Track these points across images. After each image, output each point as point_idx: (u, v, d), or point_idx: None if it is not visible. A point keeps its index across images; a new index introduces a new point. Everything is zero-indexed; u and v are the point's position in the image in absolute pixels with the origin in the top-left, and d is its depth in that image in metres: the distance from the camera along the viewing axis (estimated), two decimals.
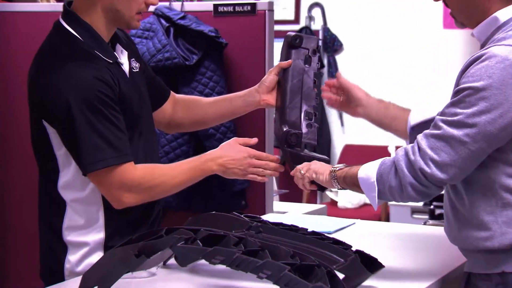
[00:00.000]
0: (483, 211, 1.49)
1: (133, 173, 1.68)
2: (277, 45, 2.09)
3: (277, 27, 2.67)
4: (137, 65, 1.82)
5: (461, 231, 1.54)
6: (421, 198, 1.51)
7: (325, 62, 5.29)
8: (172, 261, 1.67)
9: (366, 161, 1.59)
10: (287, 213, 2.84)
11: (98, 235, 1.73)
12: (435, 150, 1.46)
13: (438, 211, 3.47)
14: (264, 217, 1.85)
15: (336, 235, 1.84)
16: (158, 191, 1.74)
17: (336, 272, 1.39)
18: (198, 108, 2.02)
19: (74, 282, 1.57)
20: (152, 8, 2.57)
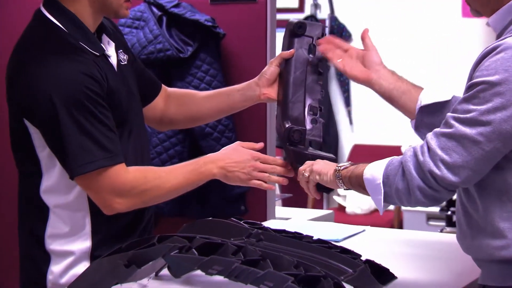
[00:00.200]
0: (498, 217, 1.49)
1: (124, 176, 1.68)
2: (279, 35, 2.09)
3: (279, 16, 2.68)
4: (125, 57, 1.82)
5: (474, 239, 1.53)
6: (430, 202, 1.50)
7: None
8: (165, 271, 1.67)
9: None
10: (290, 219, 2.84)
11: (84, 243, 1.74)
12: (446, 150, 1.45)
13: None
14: (265, 223, 1.86)
15: (344, 243, 1.84)
16: (151, 196, 1.74)
17: (344, 283, 1.39)
18: (193, 103, 2.02)
19: None
20: None
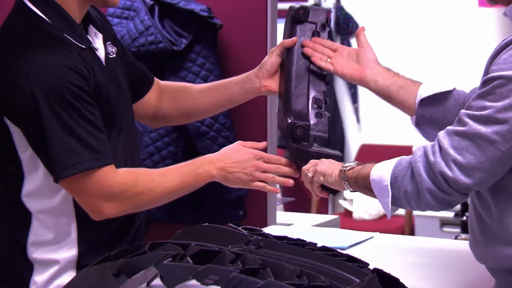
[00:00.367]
0: None
1: (113, 178, 1.68)
2: (280, 26, 2.09)
3: (280, 5, 2.68)
4: (113, 49, 1.82)
5: (488, 246, 1.54)
6: (441, 207, 1.51)
7: None
8: (157, 281, 1.68)
9: None
10: (292, 225, 2.84)
11: (69, 251, 1.74)
12: (459, 150, 1.45)
13: None
14: (265, 229, 1.86)
15: (351, 251, 1.85)
16: (143, 200, 1.74)
17: None
18: (188, 97, 2.02)
19: None
20: None
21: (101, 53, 1.77)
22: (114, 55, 1.82)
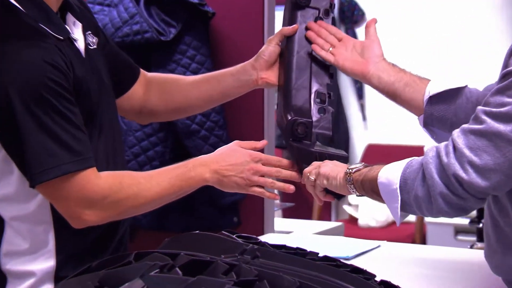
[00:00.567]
0: None
1: (95, 183, 1.69)
2: (279, 14, 2.10)
3: None
4: (94, 40, 1.82)
5: (505, 257, 1.55)
6: (455, 212, 1.51)
7: None
8: None
9: None
10: (292, 233, 2.85)
11: (47, 262, 1.74)
12: (475, 150, 1.46)
13: None
14: (262, 237, 1.87)
15: (356, 262, 1.85)
16: (128, 206, 1.74)
17: None
18: (177, 90, 2.03)
19: None
20: None
21: (80, 44, 1.77)
22: (95, 46, 1.82)
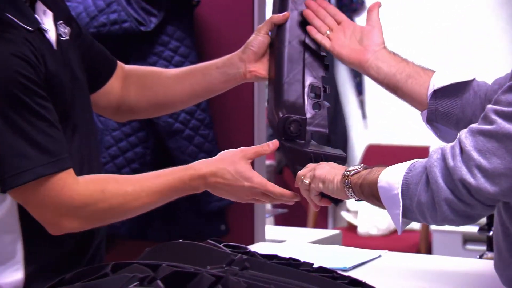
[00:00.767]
0: None
1: (73, 188, 1.68)
2: (270, 1, 2.10)
3: None
4: (66, 30, 1.82)
5: None
6: (461, 220, 1.52)
7: None
8: None
9: None
10: (285, 242, 2.85)
11: (15, 275, 1.74)
12: (484, 153, 1.46)
13: None
14: (252, 247, 1.87)
15: (355, 273, 1.85)
16: (111, 216, 1.76)
17: None
18: (159, 85, 2.02)
19: None
20: None
21: (51, 35, 1.76)
22: (67, 37, 1.82)
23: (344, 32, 1.87)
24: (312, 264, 1.66)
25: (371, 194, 1.60)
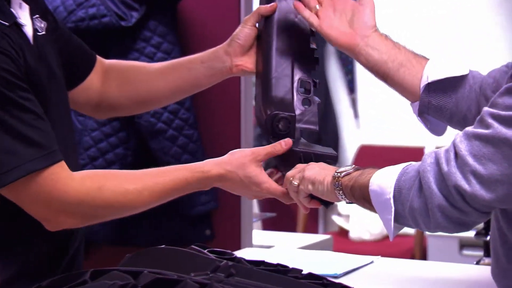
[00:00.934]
0: None
1: (68, 184, 1.67)
2: None
3: None
4: (42, 24, 1.82)
5: None
6: (455, 228, 1.51)
7: None
8: None
9: None
10: (273, 247, 2.85)
11: None
12: (480, 158, 1.45)
13: None
14: (238, 253, 1.87)
15: (346, 280, 1.85)
16: (109, 213, 1.76)
17: None
18: (141, 80, 2.02)
19: None
20: None
21: (28, 29, 1.76)
22: (44, 32, 1.81)
23: (334, 8, 1.82)
24: (301, 270, 1.66)
25: (362, 197, 1.60)
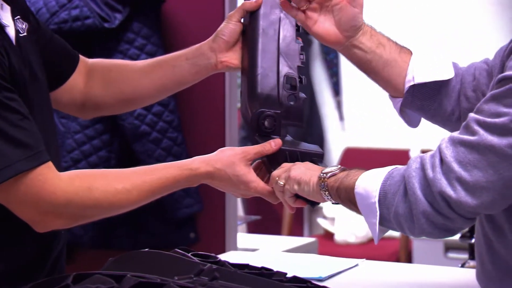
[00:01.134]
0: None
1: (55, 184, 1.67)
2: None
3: None
4: (24, 25, 1.81)
5: (502, 283, 1.55)
6: (440, 233, 1.52)
7: None
8: None
9: None
10: (258, 250, 2.85)
11: None
12: (465, 165, 1.45)
13: None
14: (222, 256, 1.87)
15: (330, 283, 1.85)
16: (98, 212, 1.76)
17: None
18: (125, 79, 2.01)
19: None
20: None
21: (11, 30, 1.76)
22: (25, 33, 1.81)
23: (321, 4, 1.78)
24: (286, 273, 1.66)
25: (347, 199, 1.60)
